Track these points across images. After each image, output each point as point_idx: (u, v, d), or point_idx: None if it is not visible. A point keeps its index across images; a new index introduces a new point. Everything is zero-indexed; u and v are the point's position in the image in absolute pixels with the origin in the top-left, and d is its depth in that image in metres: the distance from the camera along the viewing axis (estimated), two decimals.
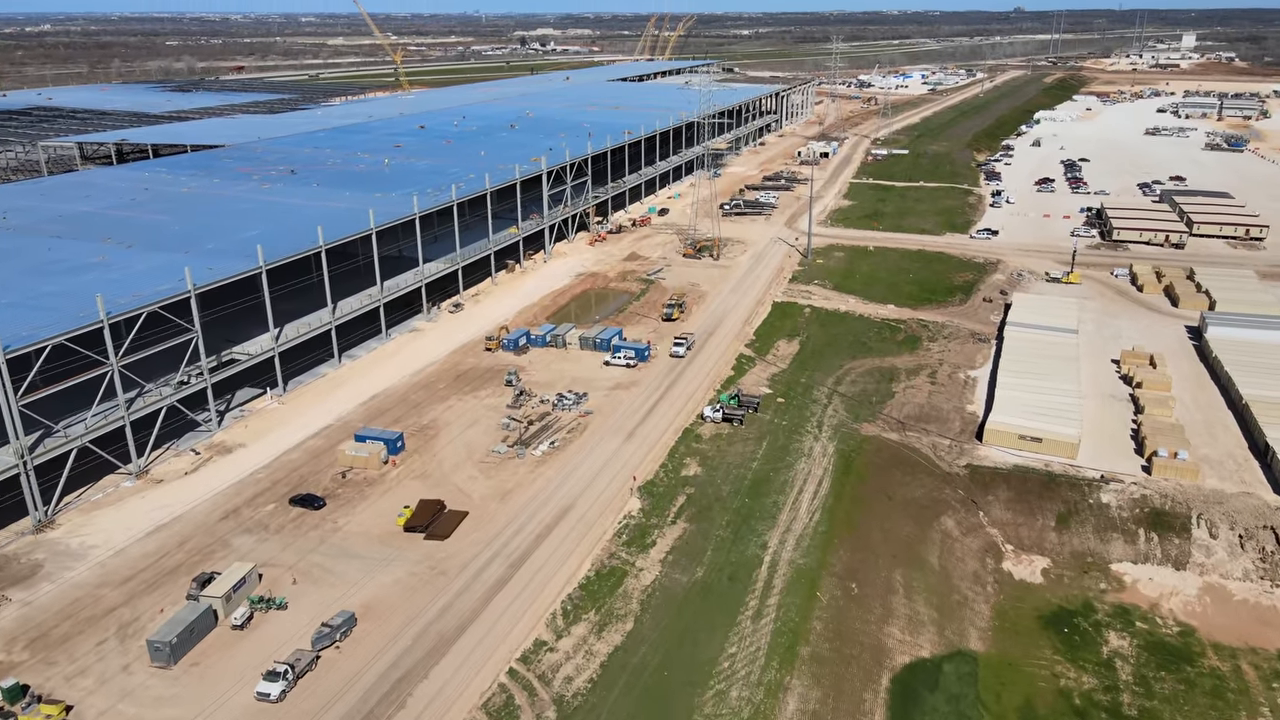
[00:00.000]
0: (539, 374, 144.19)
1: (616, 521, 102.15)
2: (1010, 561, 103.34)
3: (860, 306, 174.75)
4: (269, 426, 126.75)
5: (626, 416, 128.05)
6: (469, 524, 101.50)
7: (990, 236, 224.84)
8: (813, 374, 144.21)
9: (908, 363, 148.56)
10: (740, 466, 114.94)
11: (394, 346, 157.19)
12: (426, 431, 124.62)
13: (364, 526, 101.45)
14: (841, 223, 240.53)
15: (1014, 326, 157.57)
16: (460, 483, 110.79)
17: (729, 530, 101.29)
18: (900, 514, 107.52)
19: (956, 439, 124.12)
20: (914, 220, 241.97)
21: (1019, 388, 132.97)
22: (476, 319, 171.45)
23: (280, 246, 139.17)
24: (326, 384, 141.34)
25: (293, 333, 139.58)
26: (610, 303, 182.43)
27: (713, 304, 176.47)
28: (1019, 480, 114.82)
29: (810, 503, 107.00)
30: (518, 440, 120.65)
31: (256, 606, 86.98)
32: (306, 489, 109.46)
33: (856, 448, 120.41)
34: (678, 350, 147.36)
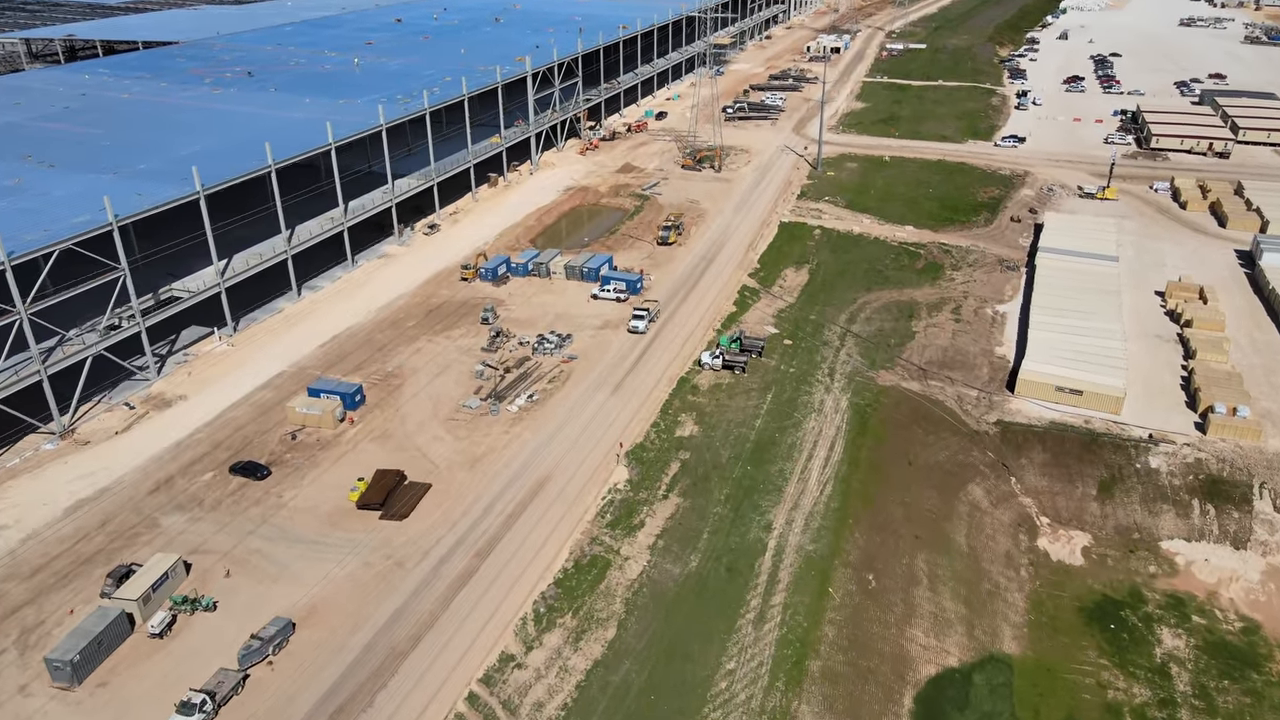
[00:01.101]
0: (519, 309, 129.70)
1: (600, 497, 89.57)
2: (1046, 538, 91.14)
3: (875, 228, 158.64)
4: (215, 374, 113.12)
5: (614, 363, 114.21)
6: (432, 499, 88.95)
7: (1016, 144, 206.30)
8: (823, 309, 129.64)
9: (929, 296, 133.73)
10: (742, 425, 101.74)
11: (361, 276, 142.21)
12: (391, 381, 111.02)
13: (312, 501, 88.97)
14: (854, 128, 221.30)
15: (1046, 253, 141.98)
16: (425, 445, 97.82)
17: (728, 506, 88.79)
18: (922, 483, 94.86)
19: (984, 389, 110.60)
20: (933, 125, 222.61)
21: (1054, 328, 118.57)
22: (454, 242, 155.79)
23: (224, 165, 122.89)
24: (283, 321, 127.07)
25: (241, 265, 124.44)
26: (601, 222, 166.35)
27: (713, 224, 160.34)
28: (1055, 440, 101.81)
29: (821, 471, 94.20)
30: (491, 393, 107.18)
31: (180, 608, 75.13)
32: (250, 453, 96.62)
33: (873, 401, 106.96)
34: (636, 325, 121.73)
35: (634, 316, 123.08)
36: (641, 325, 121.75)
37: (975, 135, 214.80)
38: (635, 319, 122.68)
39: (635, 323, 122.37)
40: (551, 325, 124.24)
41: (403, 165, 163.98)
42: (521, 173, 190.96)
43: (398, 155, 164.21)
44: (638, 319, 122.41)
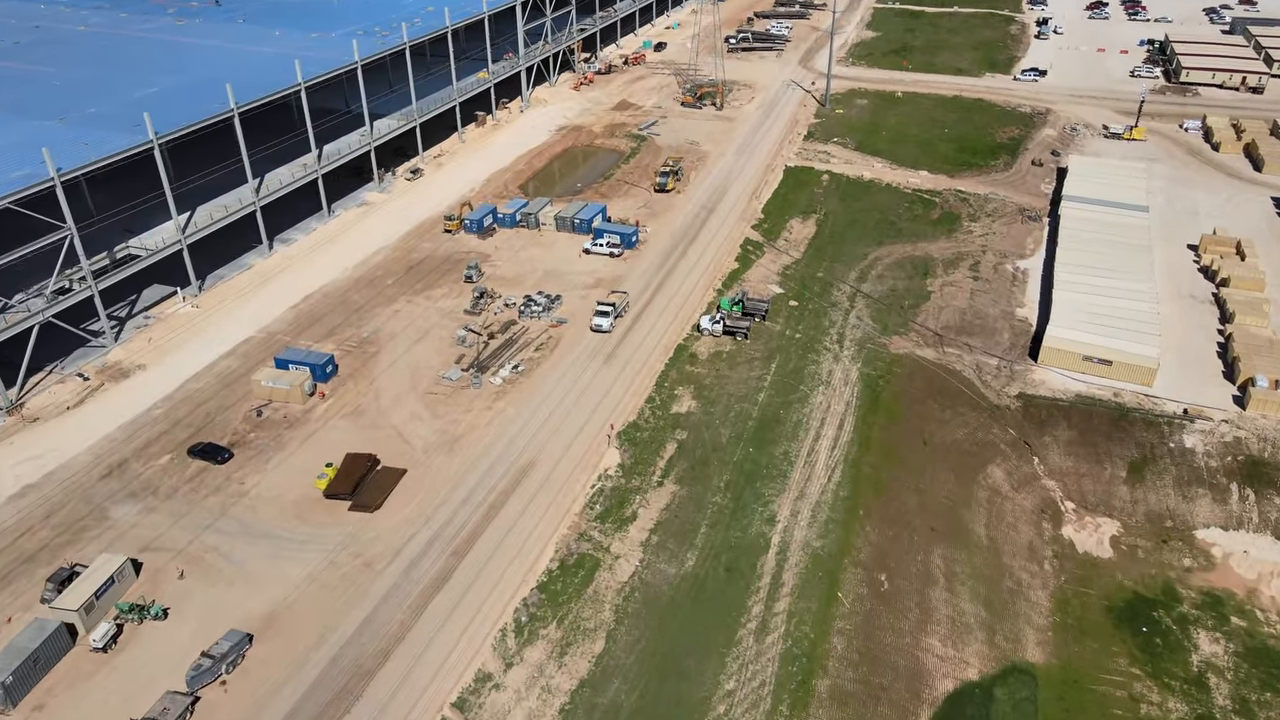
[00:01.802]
0: (505, 265, 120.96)
1: (589, 485, 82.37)
2: (1072, 526, 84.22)
3: (887, 173, 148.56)
4: (177, 340, 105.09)
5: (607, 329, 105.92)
6: (407, 487, 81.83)
7: (1037, 78, 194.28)
8: (832, 265, 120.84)
9: (945, 250, 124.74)
10: (744, 400, 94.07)
11: (338, 227, 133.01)
12: (366, 348, 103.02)
13: (276, 489, 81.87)
14: (864, 60, 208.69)
15: (1071, 202, 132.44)
16: (401, 423, 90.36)
17: (728, 495, 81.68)
18: (939, 464, 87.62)
19: (1005, 357, 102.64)
20: (948, 57, 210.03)
21: (1080, 288, 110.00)
22: (438, 188, 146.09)
23: (184, 108, 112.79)
24: (252, 279, 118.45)
25: (205, 219, 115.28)
26: (595, 165, 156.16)
27: (715, 169, 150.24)
28: (1082, 415, 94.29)
29: (829, 454, 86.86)
30: (473, 363, 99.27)
31: (127, 616, 68.54)
32: (212, 433, 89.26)
33: (885, 371, 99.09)
34: (599, 324, 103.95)
35: (597, 313, 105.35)
36: (605, 324, 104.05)
37: (993, 68, 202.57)
38: (599, 315, 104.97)
39: (599, 320, 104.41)
40: (540, 284, 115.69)
41: (383, 105, 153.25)
42: (511, 110, 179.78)
43: (377, 95, 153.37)
44: (601, 315, 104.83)
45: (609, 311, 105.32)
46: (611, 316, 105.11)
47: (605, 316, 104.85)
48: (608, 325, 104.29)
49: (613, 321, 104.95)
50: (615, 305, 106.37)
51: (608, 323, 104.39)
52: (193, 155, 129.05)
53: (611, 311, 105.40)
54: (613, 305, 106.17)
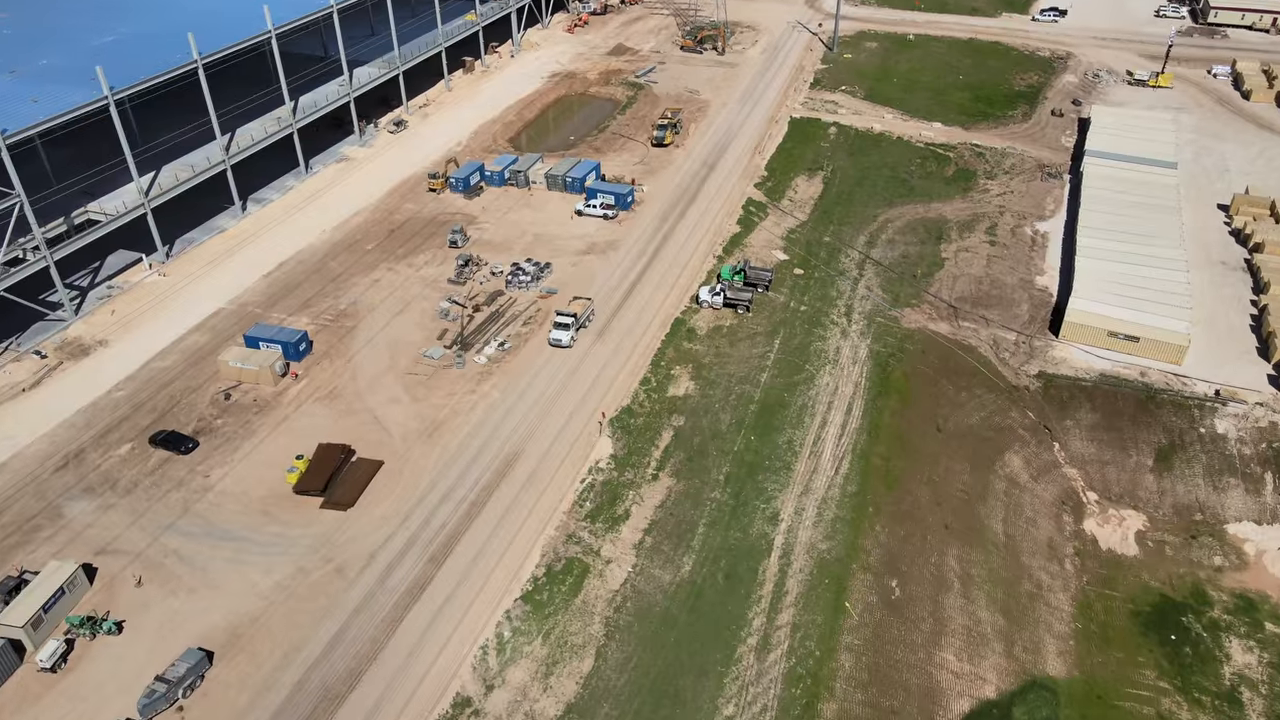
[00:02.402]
0: (492, 228, 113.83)
1: (579, 479, 76.75)
2: (1095, 519, 78.85)
3: (899, 124, 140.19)
4: (142, 311, 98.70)
5: (600, 300, 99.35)
6: (383, 481, 76.27)
7: (1056, 18, 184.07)
8: (839, 228, 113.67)
9: (959, 211, 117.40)
10: (745, 381, 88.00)
11: (316, 185, 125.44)
12: (343, 322, 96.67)
13: (243, 484, 76.34)
14: None
15: (1094, 157, 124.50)
16: (378, 407, 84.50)
17: (728, 490, 76.11)
18: (954, 453, 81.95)
19: (1024, 331, 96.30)
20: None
21: (1105, 254, 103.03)
22: (423, 141, 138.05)
23: (145, 58, 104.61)
24: (224, 244, 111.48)
25: (170, 180, 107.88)
26: (589, 116, 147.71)
27: (716, 120, 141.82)
28: (1106, 397, 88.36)
29: (837, 443, 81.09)
30: (456, 340, 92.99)
31: (79, 631, 63.53)
32: (176, 417, 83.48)
33: (896, 348, 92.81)
34: (558, 338, 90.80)
35: (555, 324, 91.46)
36: (566, 338, 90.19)
37: (1009, 7, 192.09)
38: (557, 328, 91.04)
39: (557, 334, 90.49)
40: (529, 250, 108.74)
41: (363, 52, 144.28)
42: (501, 56, 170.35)
43: (356, 41, 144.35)
44: (560, 328, 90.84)
45: (569, 323, 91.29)
46: (573, 329, 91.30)
47: (565, 329, 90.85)
48: (568, 340, 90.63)
49: (574, 335, 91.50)
50: (577, 316, 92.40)
51: (568, 337, 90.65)
52: (159, 110, 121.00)
53: (573, 323, 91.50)
54: (574, 316, 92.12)
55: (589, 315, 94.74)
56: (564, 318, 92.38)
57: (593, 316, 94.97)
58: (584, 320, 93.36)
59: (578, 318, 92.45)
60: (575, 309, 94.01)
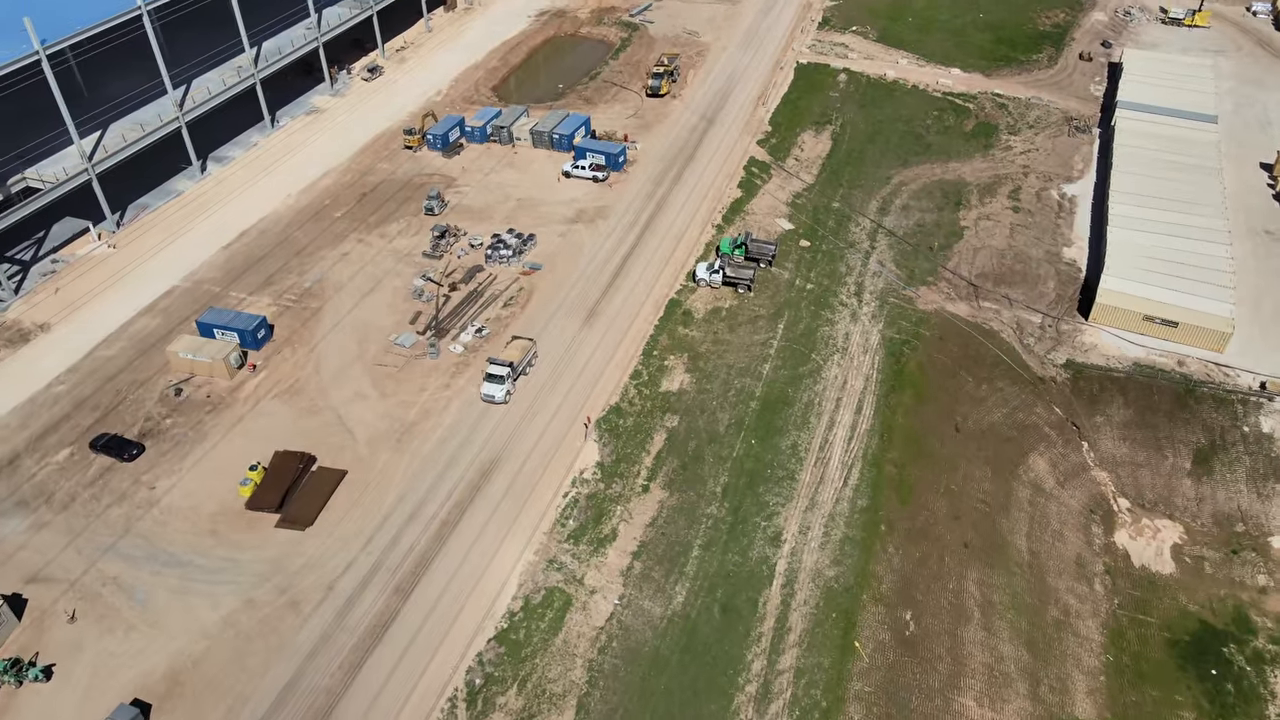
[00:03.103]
0: (473, 193, 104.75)
1: (561, 492, 69.63)
2: (1127, 530, 72.16)
3: (914, 70, 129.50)
4: (89, 290, 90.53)
5: (588, 277, 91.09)
6: (347, 493, 69.18)
7: None
8: (849, 192, 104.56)
9: (980, 172, 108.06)
10: (746, 373, 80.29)
11: (282, 141, 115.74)
12: (307, 303, 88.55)
13: (192, 497, 69.27)
14: None
15: (1127, 109, 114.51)
16: (343, 405, 76.99)
17: (726, 505, 69.06)
18: (974, 456, 74.79)
19: (1051, 312, 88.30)
20: None
21: (1139, 223, 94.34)
22: (400, 89, 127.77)
23: (79, 8, 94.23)
24: (181, 211, 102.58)
25: (117, 141, 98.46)
26: (580, 61, 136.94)
27: (716, 66, 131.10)
28: (1140, 390, 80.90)
29: (846, 447, 73.77)
30: (430, 324, 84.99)
31: (3, 679, 57.10)
32: (121, 417, 76.06)
33: (911, 333, 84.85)
34: (491, 393, 75.17)
35: (487, 377, 75.77)
36: (499, 394, 74.75)
37: None
38: (489, 381, 75.41)
39: (489, 389, 75.03)
40: (511, 218, 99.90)
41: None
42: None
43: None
44: (492, 381, 75.21)
45: (503, 374, 74.99)
46: (509, 381, 75.26)
47: (499, 383, 74.73)
48: (502, 396, 74.69)
49: (510, 389, 75.54)
50: (514, 365, 75.92)
51: (501, 392, 74.56)
52: (107, 63, 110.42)
53: (508, 375, 75.23)
54: (509, 366, 75.45)
55: (530, 361, 78.74)
56: (497, 368, 75.60)
57: (535, 360, 79.32)
58: (523, 368, 77.92)
59: (515, 367, 76.29)
60: (512, 355, 77.17)
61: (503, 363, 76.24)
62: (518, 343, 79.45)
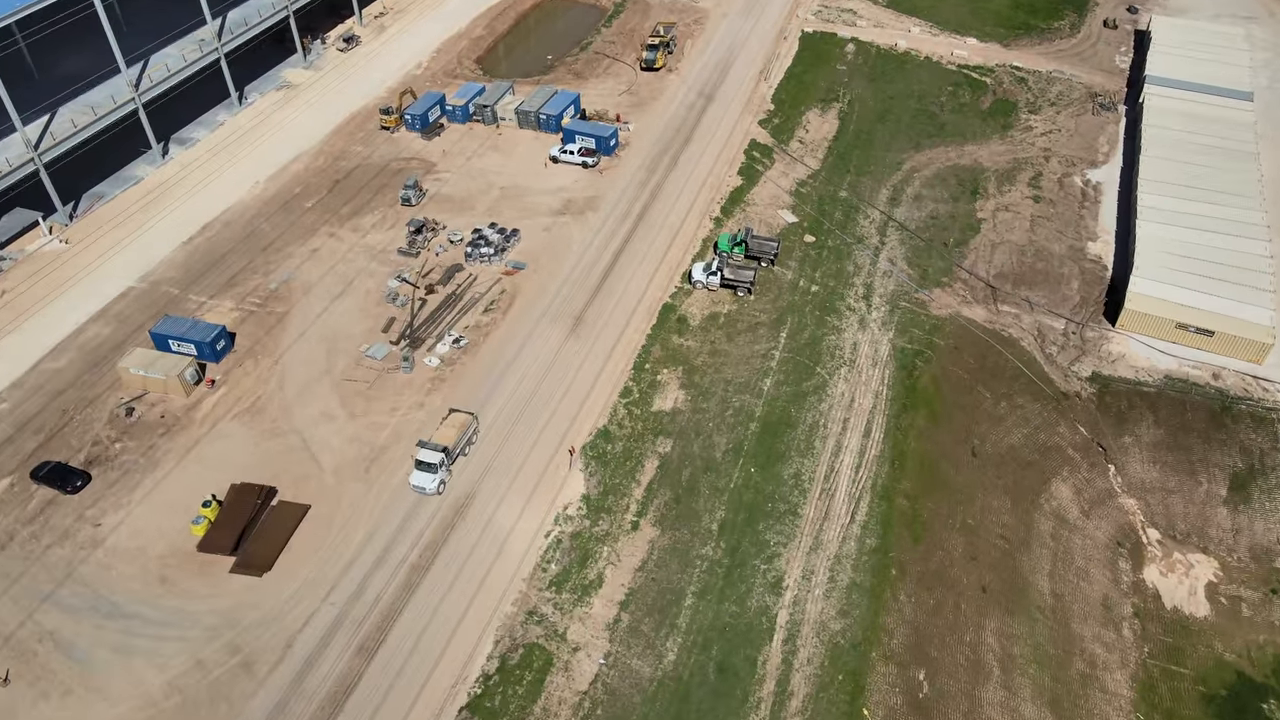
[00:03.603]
0: (453, 180, 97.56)
1: (543, 532, 63.86)
2: (1157, 566, 66.67)
3: (927, 40, 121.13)
4: (37, 294, 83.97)
5: (575, 278, 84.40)
6: (309, 531, 63.46)
7: None
8: (858, 179, 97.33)
9: (998, 156, 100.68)
10: (745, 389, 74.07)
11: (250, 120, 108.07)
12: (273, 307, 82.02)
13: (140, 536, 63.55)
14: None
15: (1156, 85, 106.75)
16: (307, 428, 70.92)
17: (723, 545, 63.35)
18: (992, 484, 68.99)
19: (1075, 317, 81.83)
20: None
21: (1170, 216, 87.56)
22: (378, 61, 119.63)
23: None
24: (139, 200, 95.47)
25: (67, 127, 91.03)
26: (570, 28, 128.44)
27: (715, 36, 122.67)
28: (1172, 406, 74.82)
29: (853, 477, 67.84)
30: (404, 335, 78.57)
31: None
32: (66, 441, 70.07)
33: (924, 342, 78.46)
34: (420, 484, 64.34)
35: (417, 464, 64.47)
36: (430, 485, 64.00)
37: None
38: (420, 469, 64.37)
39: (420, 478, 64.28)
40: (494, 209, 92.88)
41: None
42: None
43: None
44: (423, 469, 64.21)
45: (435, 462, 63.72)
46: (442, 469, 64.35)
47: (430, 472, 63.96)
48: (432, 488, 63.98)
49: (444, 478, 64.85)
50: (448, 451, 64.74)
51: (432, 483, 63.92)
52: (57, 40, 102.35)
53: (441, 462, 64.02)
54: (444, 452, 64.28)
55: (469, 439, 67.42)
56: (429, 454, 63.88)
57: (476, 438, 68.26)
58: (461, 449, 66.95)
59: (449, 452, 64.86)
60: (446, 435, 65.44)
61: (435, 447, 64.53)
62: (455, 418, 67.29)
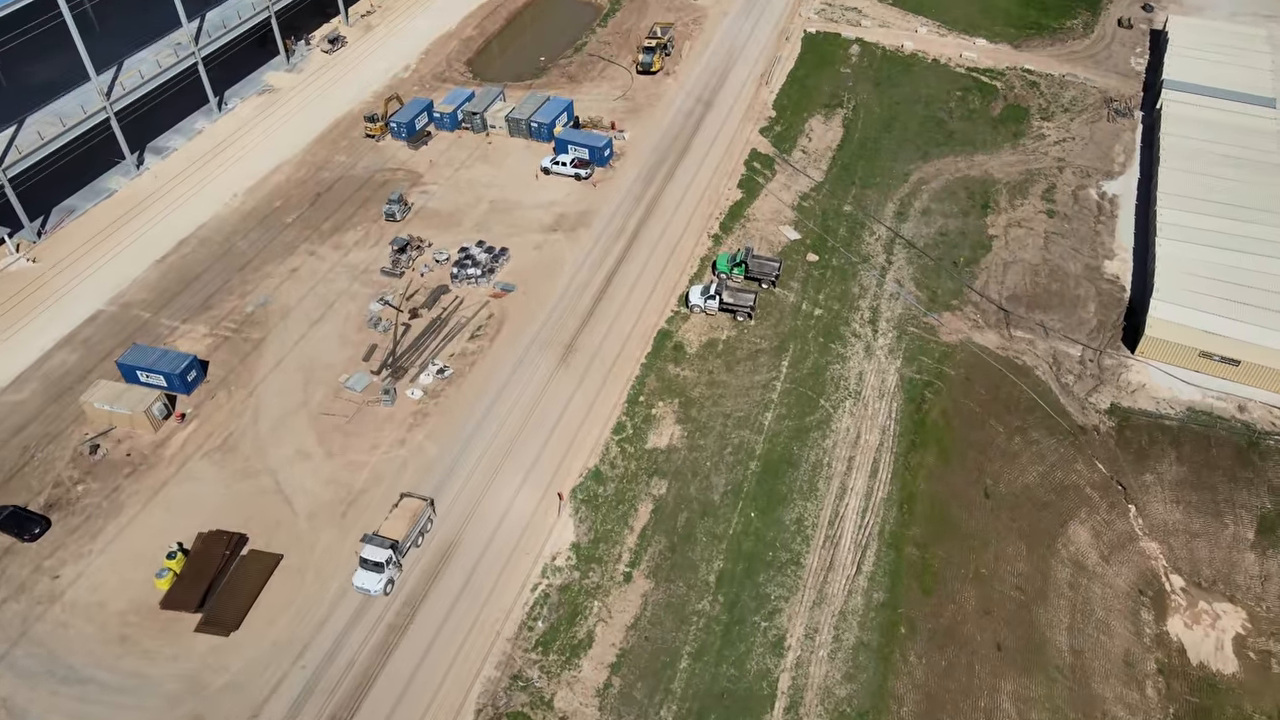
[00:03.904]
0: (440, 192, 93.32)
1: (529, 585, 60.04)
2: (1182, 617, 62.94)
3: (934, 41, 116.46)
4: (2, 318, 79.90)
5: (566, 302, 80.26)
6: (281, 584, 59.64)
7: None
8: (863, 192, 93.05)
9: (1009, 167, 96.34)
10: (745, 424, 70.08)
11: (229, 128, 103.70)
12: (248, 333, 77.96)
13: (101, 590, 59.76)
14: None
15: (1175, 91, 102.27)
16: (282, 467, 67.00)
17: (721, 599, 59.54)
18: (1006, 528, 65.13)
19: (1092, 343, 77.76)
20: None
21: (1191, 236, 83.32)
22: (364, 63, 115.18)
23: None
24: (112, 215, 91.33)
25: (33, 140, 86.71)
26: (565, 27, 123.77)
27: (714, 37, 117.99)
28: (1196, 441, 70.88)
29: (859, 522, 63.95)
30: (385, 364, 74.54)
31: None
32: (27, 482, 66.26)
33: (934, 372, 74.41)
34: (364, 585, 57.52)
35: (362, 562, 57.63)
36: (375, 586, 57.22)
37: None
38: (364, 569, 57.58)
39: (364, 579, 57.36)
40: (482, 224, 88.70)
41: None
42: None
43: None
44: (370, 569, 57.47)
45: (383, 561, 57.02)
46: (389, 568, 57.46)
47: (376, 572, 57.28)
48: (378, 588, 57.12)
49: (392, 578, 58.10)
50: (398, 545, 58.02)
51: (378, 584, 57.16)
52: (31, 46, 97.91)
53: (389, 560, 57.26)
54: (392, 547, 57.49)
55: (422, 530, 60.48)
56: (375, 551, 57.10)
57: (430, 526, 61.27)
58: (413, 541, 59.85)
59: (398, 547, 57.91)
60: (395, 529, 58.48)
61: (383, 542, 57.46)
62: (406, 505, 60.66)
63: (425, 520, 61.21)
